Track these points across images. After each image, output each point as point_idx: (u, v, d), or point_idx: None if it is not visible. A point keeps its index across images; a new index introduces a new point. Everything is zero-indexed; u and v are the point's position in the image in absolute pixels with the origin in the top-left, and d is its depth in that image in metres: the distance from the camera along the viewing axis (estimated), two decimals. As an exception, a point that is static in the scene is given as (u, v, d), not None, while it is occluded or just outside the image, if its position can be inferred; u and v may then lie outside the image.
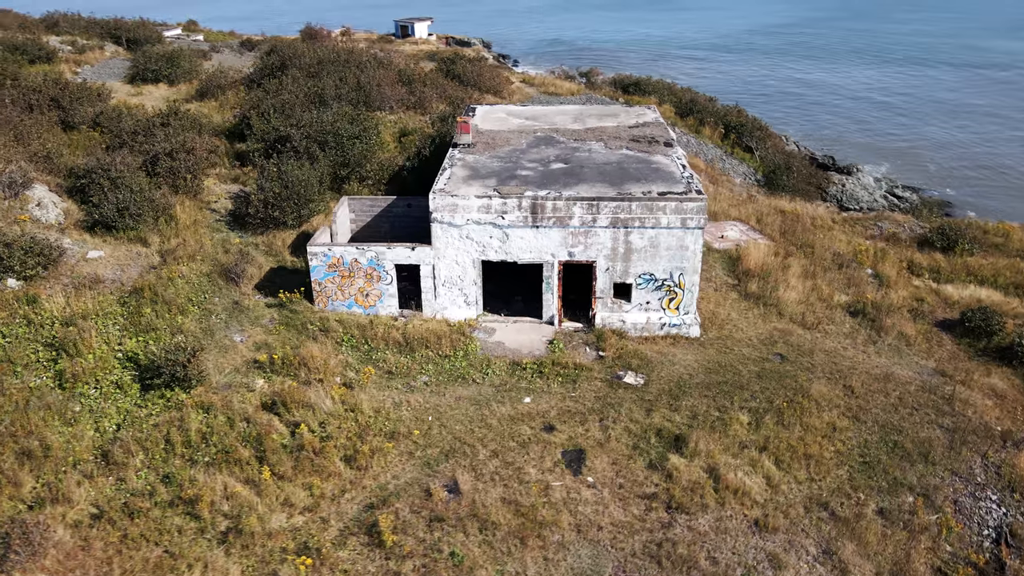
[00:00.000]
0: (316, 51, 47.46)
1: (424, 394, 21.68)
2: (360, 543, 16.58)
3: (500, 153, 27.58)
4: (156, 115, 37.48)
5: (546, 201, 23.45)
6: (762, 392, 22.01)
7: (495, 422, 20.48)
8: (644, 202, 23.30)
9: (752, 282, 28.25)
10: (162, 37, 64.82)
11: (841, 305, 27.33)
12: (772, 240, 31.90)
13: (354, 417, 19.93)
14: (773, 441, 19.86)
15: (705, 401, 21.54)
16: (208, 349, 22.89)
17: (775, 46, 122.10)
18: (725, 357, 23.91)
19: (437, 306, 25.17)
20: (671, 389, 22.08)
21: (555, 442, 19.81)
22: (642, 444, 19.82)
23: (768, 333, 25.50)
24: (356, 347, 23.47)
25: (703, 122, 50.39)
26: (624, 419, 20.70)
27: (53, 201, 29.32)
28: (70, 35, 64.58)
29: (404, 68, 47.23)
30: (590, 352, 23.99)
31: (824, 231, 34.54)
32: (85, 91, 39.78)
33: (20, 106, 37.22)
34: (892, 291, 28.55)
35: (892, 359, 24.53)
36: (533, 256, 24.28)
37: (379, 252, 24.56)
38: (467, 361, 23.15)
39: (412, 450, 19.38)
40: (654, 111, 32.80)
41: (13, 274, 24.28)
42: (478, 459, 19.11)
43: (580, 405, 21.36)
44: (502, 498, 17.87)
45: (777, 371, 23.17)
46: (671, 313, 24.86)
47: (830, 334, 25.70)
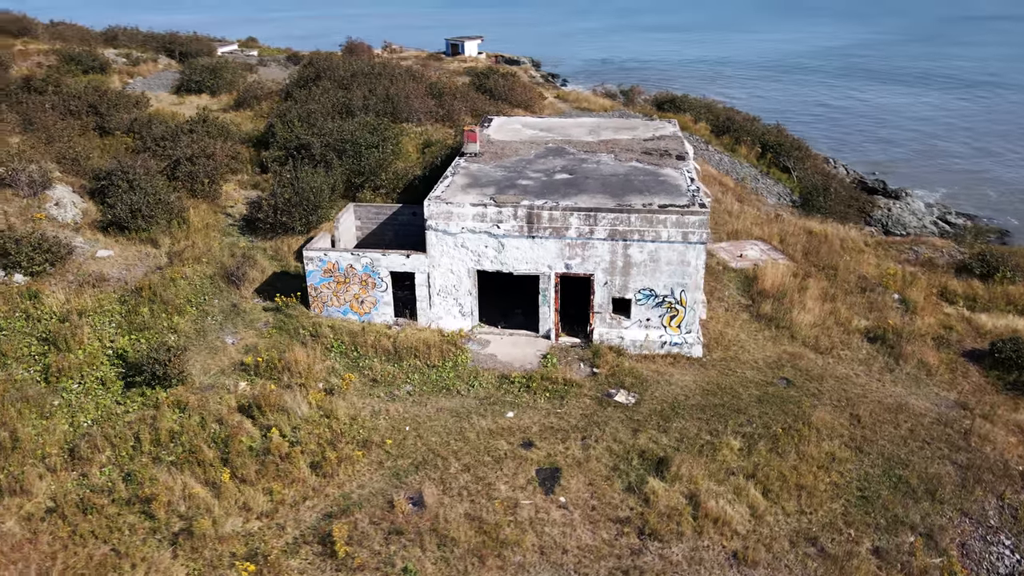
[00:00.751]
0: (351, 64, 47.99)
1: (406, 404, 21.17)
2: (313, 552, 16.07)
3: (505, 163, 27.11)
4: (185, 122, 38.28)
5: (542, 211, 22.83)
6: (760, 417, 20.81)
7: (473, 435, 19.81)
8: (644, 214, 22.46)
9: (766, 303, 27.00)
10: (213, 51, 66.66)
11: (860, 330, 25.86)
12: (793, 261, 30.53)
13: (328, 424, 19.52)
14: (763, 469, 18.67)
15: (697, 424, 20.46)
16: (198, 350, 22.88)
17: (839, 68, 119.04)
18: (726, 379, 22.76)
19: (432, 315, 24.70)
20: (663, 410, 21.06)
21: (532, 459, 19.02)
22: (622, 465, 18.86)
23: (777, 356, 24.22)
24: (345, 354, 23.15)
25: (739, 141, 49.07)
26: (608, 438, 19.78)
27: (73, 201, 29.99)
28: (127, 48, 66.93)
29: (436, 81, 47.32)
30: (584, 368, 23.14)
31: (853, 254, 32.94)
32: (122, 99, 40.99)
33: (60, 111, 38.50)
34: (918, 318, 26.91)
35: (909, 389, 22.99)
36: (529, 267, 23.63)
37: (374, 258, 24.27)
38: (455, 372, 22.57)
39: (383, 460, 18.85)
40: (673, 125, 31.91)
41: (20, 270, 24.77)
42: (449, 472, 18.45)
43: (564, 422, 20.53)
44: (467, 514, 17.16)
45: (780, 396, 21.92)
46: (672, 331, 23.85)
47: (844, 360, 24.28)
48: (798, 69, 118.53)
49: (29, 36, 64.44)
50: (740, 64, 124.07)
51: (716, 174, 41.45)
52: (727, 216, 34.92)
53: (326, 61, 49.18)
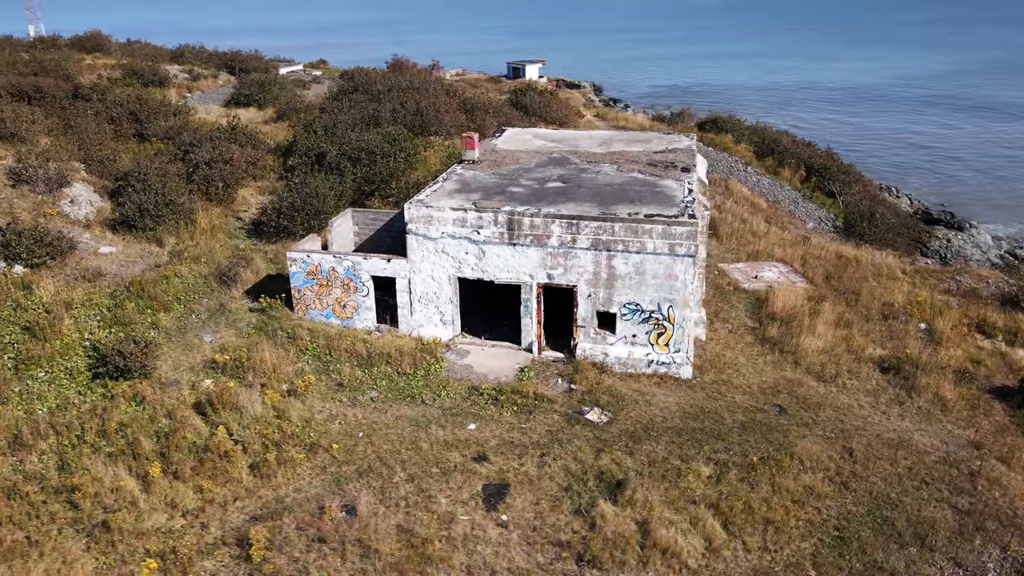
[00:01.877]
0: (387, 78, 48.44)
1: (366, 410, 20.47)
2: (230, 554, 15.43)
3: (502, 170, 26.37)
4: (215, 129, 39.14)
5: (523, 217, 21.94)
6: (739, 445, 19.21)
7: (426, 446, 18.92)
8: (628, 223, 21.30)
9: (773, 326, 25.28)
10: (271, 69, 68.63)
11: (873, 359, 23.84)
12: (813, 284, 28.61)
13: (278, 425, 18.98)
14: (729, 499, 17.09)
15: (668, 447, 19.02)
16: (173, 346, 22.83)
17: (923, 96, 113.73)
18: (713, 403, 21.21)
19: (413, 323, 24.03)
20: (635, 431, 19.70)
21: (482, 473, 17.97)
22: (576, 486, 17.61)
23: (774, 382, 22.50)
24: (318, 357, 22.68)
25: (783, 163, 47.07)
26: (567, 457, 18.56)
27: (90, 200, 30.78)
28: (191, 65, 69.61)
29: (470, 96, 47.22)
30: (561, 384, 21.98)
31: (885, 280, 30.71)
32: (162, 108, 42.30)
33: (103, 118, 39.95)
34: (943, 349, 24.66)
35: (917, 424, 20.91)
36: (510, 276, 22.72)
37: (355, 262, 23.82)
38: (425, 381, 21.78)
39: (327, 464, 18.15)
40: (690, 139, 30.57)
41: (21, 261, 25.36)
42: (391, 482, 17.59)
43: (526, 437, 19.42)
44: (398, 526, 16.24)
45: (767, 424, 20.24)
46: (660, 350, 22.45)
47: (848, 389, 22.35)
48: (881, 97, 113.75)
49: (101, 52, 67.80)
50: (819, 90, 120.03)
51: (749, 195, 39.68)
52: (751, 236, 33.20)
53: (364, 76, 49.80)
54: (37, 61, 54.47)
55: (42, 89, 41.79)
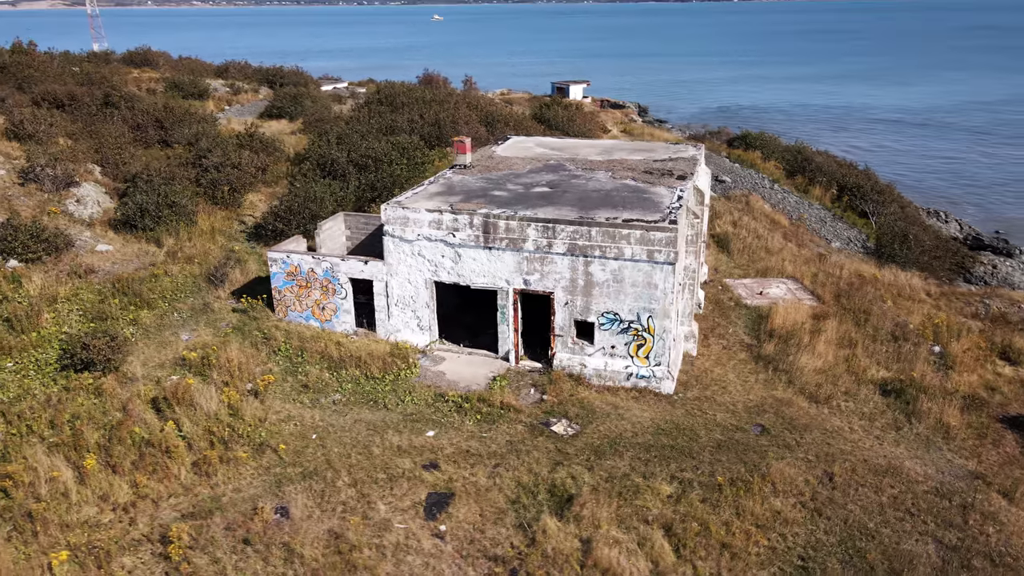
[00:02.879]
0: (412, 91, 48.58)
1: (325, 412, 19.91)
2: (151, 552, 14.94)
3: (492, 175, 25.76)
4: (233, 137, 39.64)
5: (499, 220, 21.24)
6: (710, 464, 17.97)
7: (378, 451, 18.22)
8: (605, 228, 20.39)
9: (770, 344, 23.90)
10: (309, 84, 69.81)
11: (874, 381, 22.25)
12: (822, 302, 27.07)
13: (229, 423, 18.55)
14: (686, 521, 15.89)
15: (633, 463, 17.91)
16: (148, 343, 22.74)
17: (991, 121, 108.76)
18: (690, 420, 20.00)
19: (390, 327, 23.47)
20: (600, 445, 18.65)
21: (429, 481, 17.17)
22: (525, 498, 16.65)
23: (761, 401, 21.15)
24: (289, 358, 22.28)
25: (814, 181, 45.30)
26: (522, 468, 17.62)
27: (98, 200, 31.28)
28: (234, 80, 71.35)
29: (491, 110, 46.95)
30: (533, 394, 21.07)
31: (906, 301, 28.92)
32: (188, 116, 43.12)
33: (129, 124, 40.93)
34: (955, 373, 22.90)
35: (913, 451, 19.30)
36: (487, 281, 21.99)
37: (334, 263, 23.44)
38: (392, 387, 21.14)
39: (272, 465, 17.60)
40: (697, 149, 29.46)
41: (16, 256, 25.76)
42: (334, 486, 16.93)
43: (484, 447, 18.55)
44: (330, 531, 15.54)
45: (744, 443, 18.94)
46: (640, 362, 21.35)
47: (842, 412, 20.85)
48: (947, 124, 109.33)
49: (149, 67, 70.10)
50: (880, 112, 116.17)
51: (770, 211, 38.16)
52: (763, 253, 31.76)
53: (390, 89, 50.07)
54: (84, 73, 56.41)
55: (76, 97, 43.14)
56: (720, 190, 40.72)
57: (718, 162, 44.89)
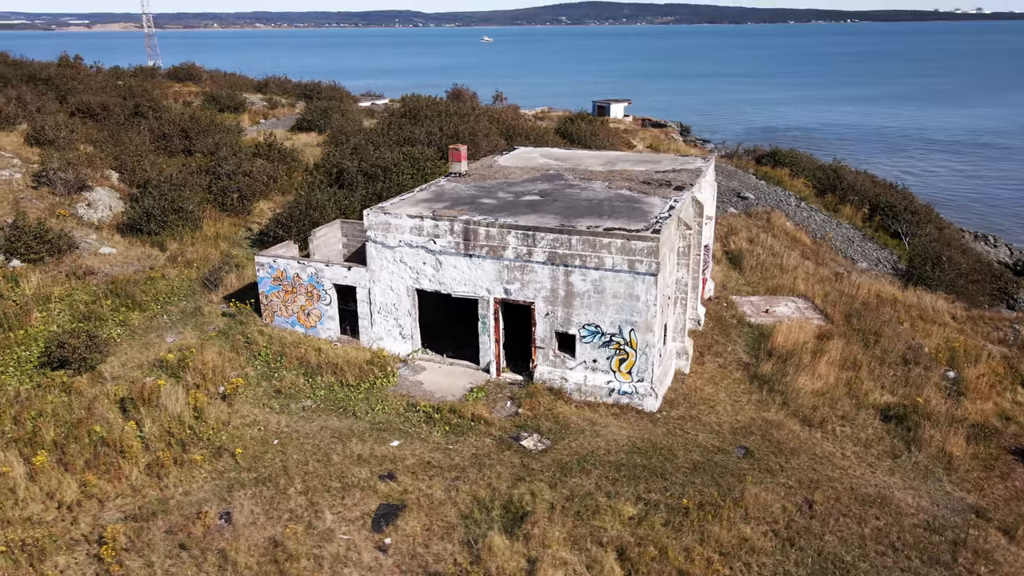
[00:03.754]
0: (436, 105, 48.62)
1: (293, 418, 19.52)
2: (87, 553, 14.66)
3: (486, 184, 25.26)
4: (252, 146, 40.10)
5: (479, 227, 20.69)
6: (681, 486, 16.96)
7: (338, 459, 17.72)
8: (586, 237, 19.65)
9: (768, 363, 22.72)
10: (344, 98, 70.73)
11: (876, 405, 20.89)
12: (830, 322, 25.71)
13: (191, 426, 18.29)
14: (643, 544, 14.93)
15: (600, 482, 17.02)
16: (132, 344, 22.76)
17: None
18: (670, 440, 19.00)
19: (373, 335, 23.05)
20: (568, 462, 17.80)
21: (382, 492, 16.57)
22: (478, 514, 15.91)
23: (749, 422, 20.02)
24: (268, 363, 22.01)
25: (845, 200, 43.63)
26: (482, 483, 16.89)
27: (110, 204, 31.81)
28: (272, 94, 72.73)
29: (512, 123, 46.63)
30: (509, 407, 20.33)
31: (927, 324, 27.32)
32: (211, 126, 43.87)
33: (155, 133, 41.82)
34: (967, 400, 21.37)
35: (908, 481, 17.94)
36: (467, 290, 21.42)
37: (318, 268, 23.18)
38: (365, 395, 20.66)
39: (227, 470, 17.24)
40: (705, 162, 28.47)
41: (19, 256, 26.23)
42: (285, 493, 16.46)
43: (448, 459, 17.88)
44: (271, 539, 15.05)
45: (723, 466, 17.86)
46: (622, 377, 20.45)
47: (836, 437, 19.57)
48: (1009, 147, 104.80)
49: (192, 81, 71.98)
50: (939, 133, 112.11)
51: (792, 229, 36.76)
52: (777, 271, 30.47)
53: (414, 102, 50.23)
54: (127, 86, 58.09)
55: (107, 107, 44.30)
56: (742, 206, 39.49)
57: (743, 179, 43.64)
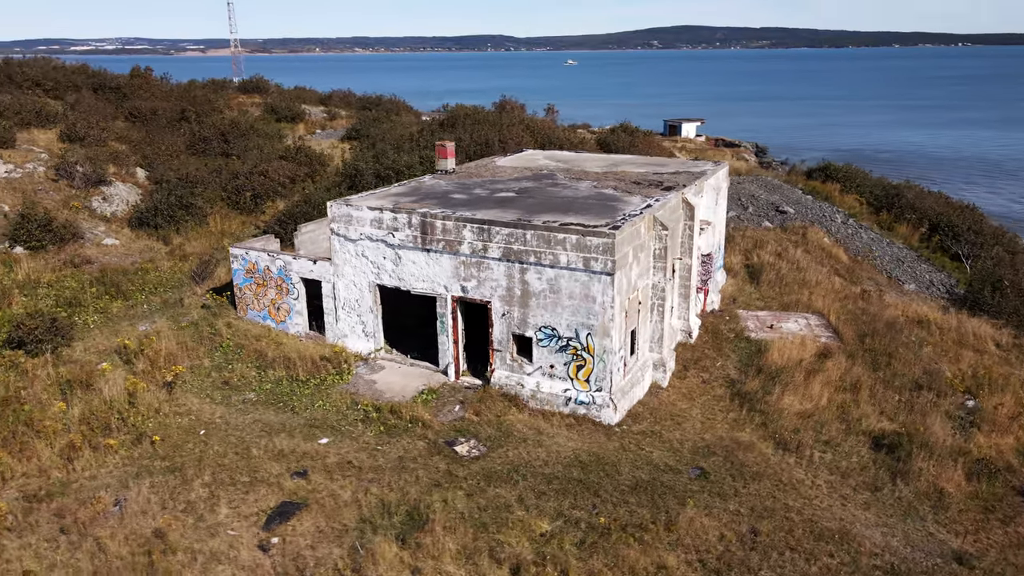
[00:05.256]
0: (475, 114, 48.18)
1: (230, 410, 18.89)
2: (-28, 529, 14.31)
3: (468, 181, 24.25)
4: (281, 149, 40.54)
5: (435, 220, 19.67)
6: (614, 505, 15.30)
7: (257, 453, 16.92)
8: (540, 232, 18.32)
9: (755, 381, 20.65)
10: (401, 110, 71.43)
11: (869, 432, 18.56)
12: (840, 340, 23.28)
13: (119, 411, 17.90)
14: (542, 563, 13.38)
15: (524, 494, 15.56)
16: (103, 330, 22.81)
17: None
18: (620, 455, 17.33)
19: (338, 332, 22.29)
20: (498, 471, 16.41)
21: (288, 489, 15.64)
22: (379, 518, 14.73)
23: (716, 442, 18.08)
24: (226, 354, 21.57)
25: (900, 218, 40.30)
26: (395, 487, 15.72)
27: (126, 199, 32.54)
28: (335, 107, 74.22)
29: (549, 133, 45.56)
30: (456, 411, 19.09)
31: (965, 350, 24.43)
32: (252, 131, 44.75)
33: (197, 136, 42.96)
34: (980, 432, 18.71)
35: (883, 517, 15.65)
36: (426, 286, 20.39)
37: (287, 262, 22.67)
38: (311, 390, 19.87)
39: (143, 457, 16.71)
40: (717, 165, 26.58)
41: (22, 243, 26.96)
42: (190, 484, 15.75)
43: (371, 460, 16.81)
44: (156, 530, 14.32)
45: (669, 486, 16.06)
46: (580, 386, 18.89)
47: (812, 463, 17.39)
48: None
49: (259, 93, 74.34)
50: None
51: (828, 244, 34.03)
52: (798, 286, 28.07)
53: (455, 112, 49.96)
54: (190, 96, 60.34)
55: (157, 112, 45.90)
56: (779, 220, 36.95)
57: (787, 193, 40.99)
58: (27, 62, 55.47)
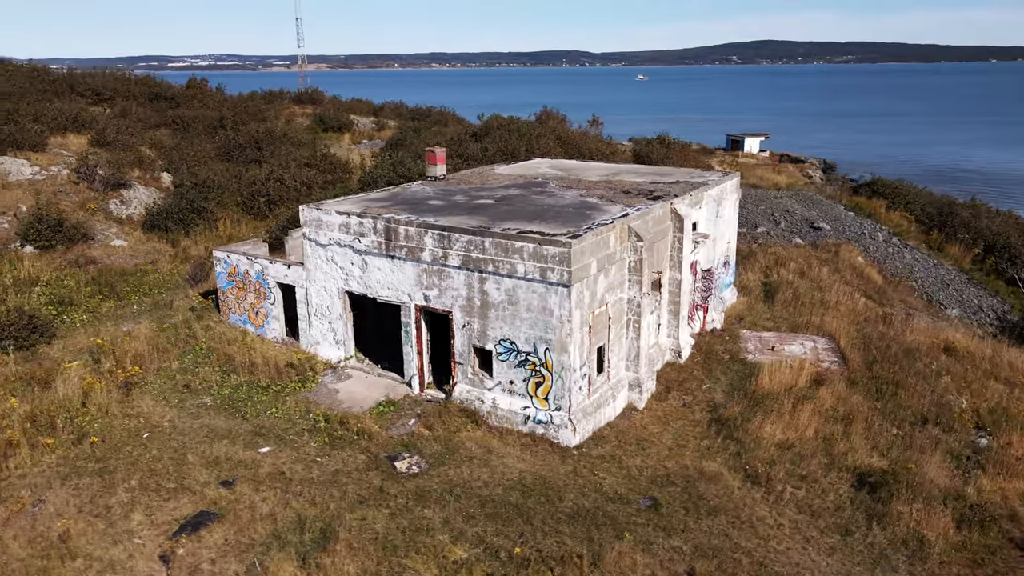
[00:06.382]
0: (508, 124, 47.58)
1: (183, 414, 18.56)
2: None
3: (453, 188, 23.50)
4: (305, 156, 40.79)
5: (399, 226, 18.97)
6: (545, 534, 14.16)
7: (193, 459, 16.49)
8: (498, 240, 17.38)
9: (738, 406, 19.10)
10: (449, 121, 71.54)
11: (853, 468, 16.80)
12: (844, 366, 21.40)
13: (68, 410, 17.80)
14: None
15: (452, 517, 14.59)
16: (87, 329, 22.99)
17: None
18: (569, 480, 16.15)
19: (311, 338, 21.82)
20: (433, 490, 15.49)
21: (210, 498, 15.10)
22: (291, 535, 14.00)
23: (679, 471, 16.67)
24: (196, 357, 21.37)
25: (952, 238, 37.49)
26: (318, 501, 14.99)
27: (144, 202, 33.14)
28: (385, 118, 74.98)
29: (580, 144, 44.52)
30: (410, 425, 18.25)
31: (993, 382, 22.16)
32: (286, 139, 45.34)
33: (232, 143, 43.79)
34: (985, 475, 16.70)
35: (849, 564, 13.98)
36: (391, 294, 19.69)
37: (264, 266, 22.37)
38: (269, 397, 19.39)
39: (79, 458, 16.48)
40: (722, 175, 25.04)
41: (32, 243, 27.66)
42: (117, 487, 15.42)
43: (306, 472, 16.14)
44: (63, 534, 13.97)
45: (612, 517, 14.80)
46: (539, 404, 17.80)
47: (781, 500, 15.79)
48: None
49: (313, 104, 75.83)
50: None
51: (861, 264, 31.77)
52: (816, 306, 26.11)
53: (490, 121, 49.49)
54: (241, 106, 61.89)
55: (198, 119, 47.09)
56: (811, 237, 34.78)
57: (827, 208, 38.68)
58: (91, 73, 57.98)
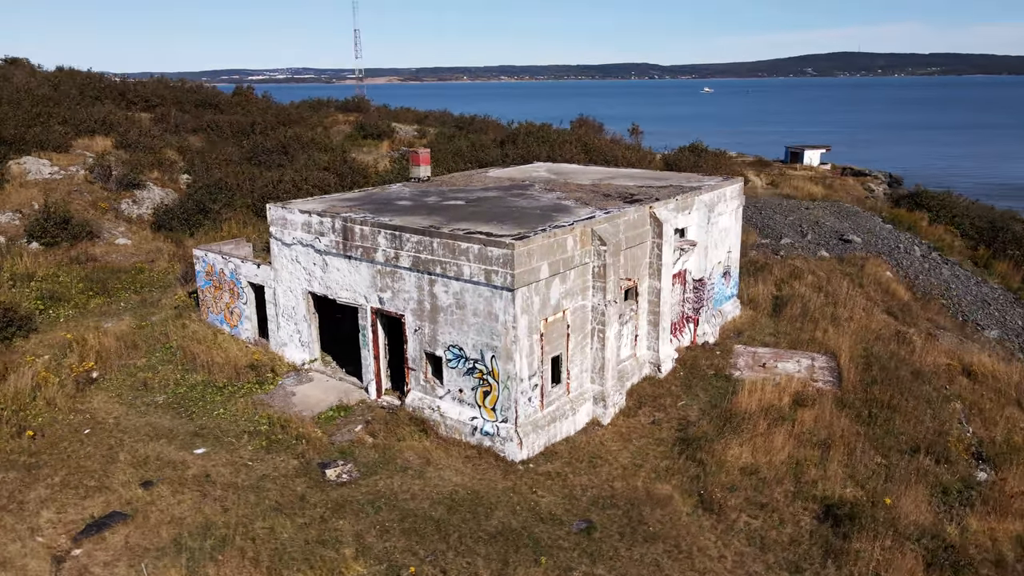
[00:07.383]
0: (536, 132, 46.83)
1: (132, 411, 18.29)
2: None
3: (431, 189, 22.78)
4: (325, 161, 40.83)
5: (355, 225, 18.33)
6: (457, 554, 13.18)
7: (124, 458, 16.14)
8: (445, 240, 16.53)
9: (709, 424, 17.68)
10: (489, 128, 71.15)
11: (822, 498, 15.21)
12: (838, 387, 19.66)
13: (15, 403, 17.73)
14: (326, 614, 11.53)
15: (367, 530, 13.77)
16: (70, 325, 23.13)
17: None
18: (503, 497, 15.11)
19: (279, 339, 21.38)
20: (356, 500, 14.71)
21: (125, 498, 14.67)
22: (192, 541, 13.39)
23: (627, 492, 15.42)
24: (163, 355, 21.18)
25: (1000, 254, 34.73)
26: (231, 506, 14.36)
27: (156, 202, 33.58)
28: (429, 126, 75.20)
29: (606, 151, 43.33)
30: (355, 432, 17.51)
31: (1016, 410, 20.06)
32: (314, 144, 45.61)
33: (259, 148, 44.29)
34: (974, 514, 14.87)
35: (789, 606, 12.49)
36: (349, 296, 19.05)
37: (236, 265, 22.08)
38: (225, 398, 18.97)
39: (12, 452, 16.32)
40: (718, 181, 23.59)
41: (38, 239, 28.22)
42: (39, 483, 15.17)
43: (232, 476, 15.57)
44: (-27, 527, 13.73)
45: (536, 539, 13.70)
46: (487, 414, 16.82)
47: (731, 529, 14.36)
48: None
49: (357, 112, 76.68)
50: None
51: (888, 279, 29.57)
52: (820, 323, 24.27)
53: (519, 129, 48.86)
54: (286, 113, 62.86)
55: (232, 124, 47.89)
56: (839, 250, 32.67)
57: (862, 220, 36.37)
58: (142, 82, 59.91)
